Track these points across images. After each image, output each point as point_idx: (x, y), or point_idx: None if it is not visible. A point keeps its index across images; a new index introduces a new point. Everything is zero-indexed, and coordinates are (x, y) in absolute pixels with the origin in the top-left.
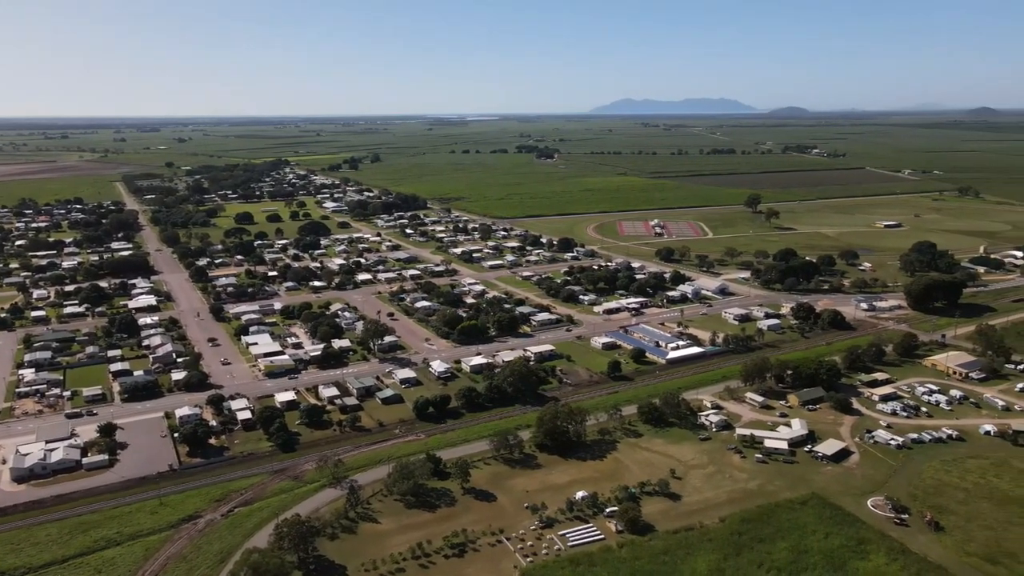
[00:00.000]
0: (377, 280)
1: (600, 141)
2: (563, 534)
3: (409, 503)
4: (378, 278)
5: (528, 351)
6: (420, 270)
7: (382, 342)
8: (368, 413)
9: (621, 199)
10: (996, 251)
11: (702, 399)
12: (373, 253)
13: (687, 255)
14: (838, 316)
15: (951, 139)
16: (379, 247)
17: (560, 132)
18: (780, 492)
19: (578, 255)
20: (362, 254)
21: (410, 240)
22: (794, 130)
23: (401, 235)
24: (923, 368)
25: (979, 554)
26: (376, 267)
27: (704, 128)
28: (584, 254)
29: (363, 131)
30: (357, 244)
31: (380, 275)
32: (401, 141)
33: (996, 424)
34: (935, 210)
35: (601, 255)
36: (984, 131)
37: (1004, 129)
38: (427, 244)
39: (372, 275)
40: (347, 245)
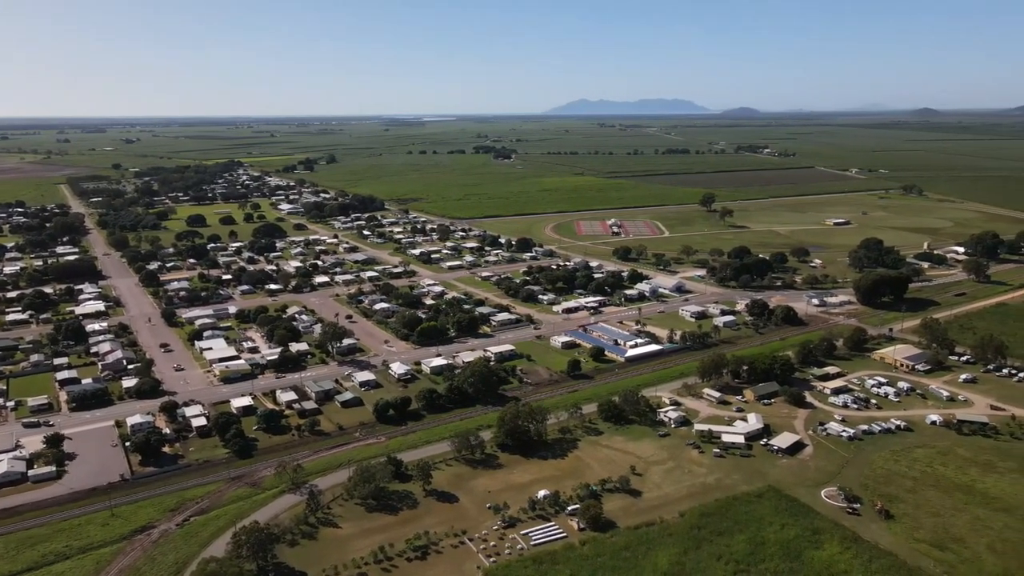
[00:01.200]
0: (335, 282)
1: (557, 141)
2: (526, 533)
3: (370, 507)
4: (336, 280)
5: (488, 351)
6: (378, 272)
7: (341, 345)
8: (327, 417)
9: (579, 199)
10: (939, 247)
11: (661, 396)
12: (330, 255)
13: (644, 254)
14: (791, 312)
15: (895, 139)
16: (336, 249)
17: (517, 132)
18: (737, 485)
19: (537, 255)
20: (319, 256)
21: (368, 242)
22: (746, 130)
23: (359, 237)
24: (872, 361)
25: (927, 540)
26: (333, 269)
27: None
28: (543, 254)
29: (318, 132)
30: (314, 246)
31: (338, 277)
32: (357, 142)
33: (941, 414)
34: (881, 208)
35: (559, 255)
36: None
37: (944, 129)
38: (385, 245)
39: (330, 277)
40: (303, 247)
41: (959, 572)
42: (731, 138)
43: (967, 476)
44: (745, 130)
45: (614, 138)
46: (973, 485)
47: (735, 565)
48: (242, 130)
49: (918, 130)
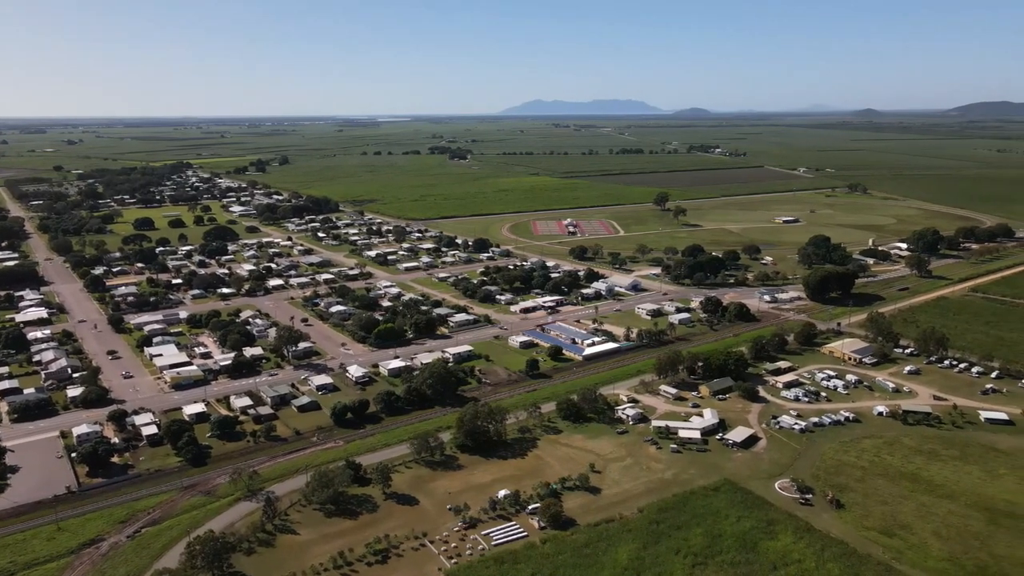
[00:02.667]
0: (289, 285)
1: (512, 142)
2: (486, 533)
3: (329, 512)
4: (290, 283)
5: (446, 352)
6: (334, 274)
7: (296, 348)
8: (284, 422)
9: (535, 199)
10: (883, 244)
11: (618, 393)
12: (284, 258)
13: (600, 253)
14: (743, 308)
15: (840, 139)
16: (290, 251)
17: (472, 133)
18: (694, 480)
19: (494, 255)
20: (273, 259)
21: (323, 244)
22: (698, 130)
23: (313, 239)
24: (822, 355)
25: (876, 528)
26: (288, 272)
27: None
28: (500, 254)
29: (270, 132)
30: (267, 249)
31: (292, 280)
32: (310, 143)
33: (888, 405)
34: (828, 206)
35: (516, 255)
36: (869, 131)
37: (886, 129)
38: (340, 247)
39: (284, 280)
40: (257, 250)
41: (906, 558)
42: (683, 138)
43: (913, 465)
44: (697, 130)
45: (569, 138)
46: (918, 473)
47: (693, 558)
48: (191, 131)
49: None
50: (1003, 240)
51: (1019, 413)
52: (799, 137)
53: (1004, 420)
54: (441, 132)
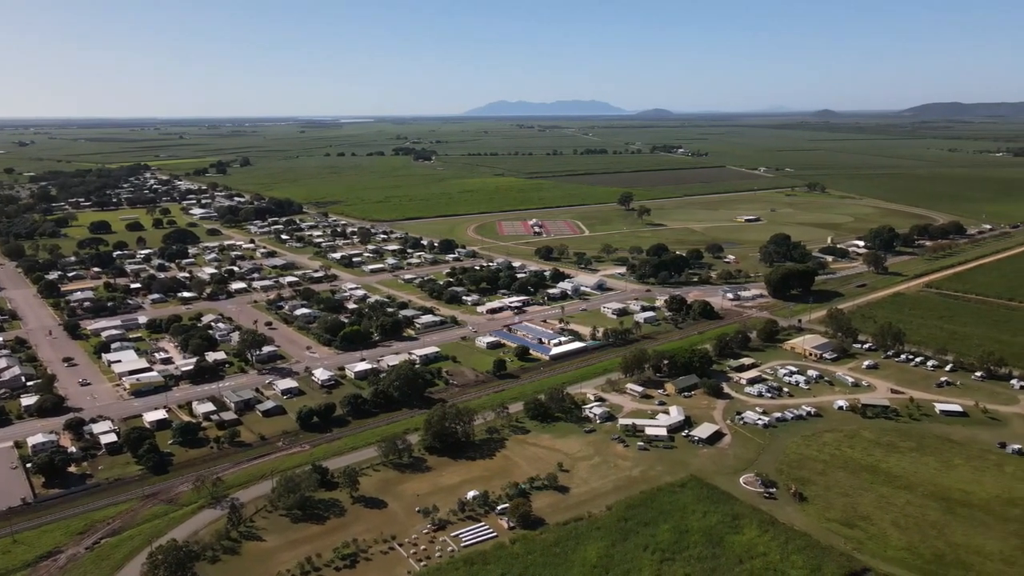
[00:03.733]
0: (252, 288)
1: (477, 142)
2: (456, 535)
3: (296, 517)
4: (253, 286)
5: (413, 354)
6: (298, 276)
7: (260, 352)
8: (248, 427)
9: (500, 199)
10: (841, 241)
11: (585, 392)
12: (247, 261)
13: (566, 253)
14: (707, 306)
15: (799, 139)
16: (253, 254)
17: (437, 134)
18: (661, 477)
19: (460, 256)
20: (235, 262)
21: (286, 246)
22: (660, 131)
23: (276, 241)
24: (784, 351)
25: (838, 519)
26: (251, 275)
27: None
28: (465, 255)
29: (230, 134)
30: (229, 252)
31: (255, 283)
32: (272, 144)
33: (847, 399)
34: (788, 205)
35: (482, 255)
36: (826, 131)
37: (843, 129)
38: (304, 250)
39: (247, 283)
40: (218, 253)
41: (867, 548)
42: (646, 138)
43: (872, 457)
44: (660, 131)
45: (533, 139)
46: (877, 465)
47: (661, 554)
48: (148, 132)
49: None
50: (955, 237)
51: (972, 405)
52: (759, 137)
53: (958, 412)
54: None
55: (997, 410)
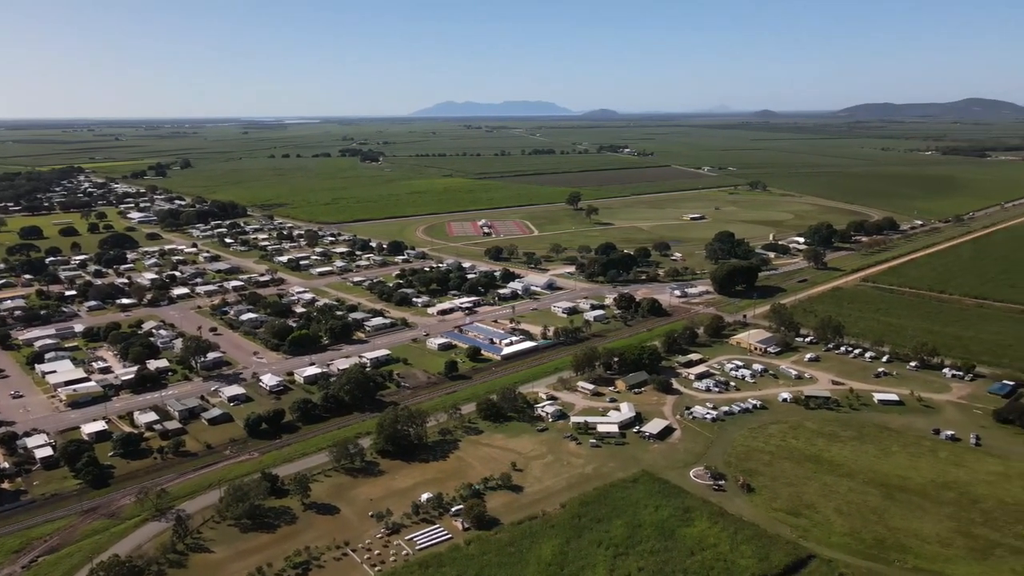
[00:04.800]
0: (196, 294)
1: (425, 143)
2: (410, 538)
3: (245, 527)
4: (197, 292)
5: (364, 357)
6: (243, 281)
7: (205, 359)
8: (194, 436)
9: (449, 200)
10: (783, 238)
11: (537, 391)
12: (189, 265)
13: (515, 253)
14: (656, 304)
15: (740, 138)
16: (196, 259)
17: (384, 135)
18: (614, 473)
19: (409, 257)
20: (177, 267)
21: (231, 250)
22: (607, 131)
23: (220, 245)
24: (730, 346)
25: (784, 509)
26: (194, 280)
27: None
28: (415, 256)
29: (169, 135)
30: (170, 256)
31: (199, 288)
32: (213, 145)
33: (791, 392)
34: (732, 203)
35: (432, 257)
36: (767, 131)
37: (782, 129)
38: (250, 253)
39: (190, 289)
40: (159, 258)
41: (812, 535)
42: (593, 139)
43: (815, 447)
44: (606, 131)
45: (481, 139)
46: (820, 455)
47: (615, 549)
48: (82, 133)
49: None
50: (889, 233)
51: (908, 394)
52: (703, 137)
53: (895, 401)
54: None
55: (931, 398)
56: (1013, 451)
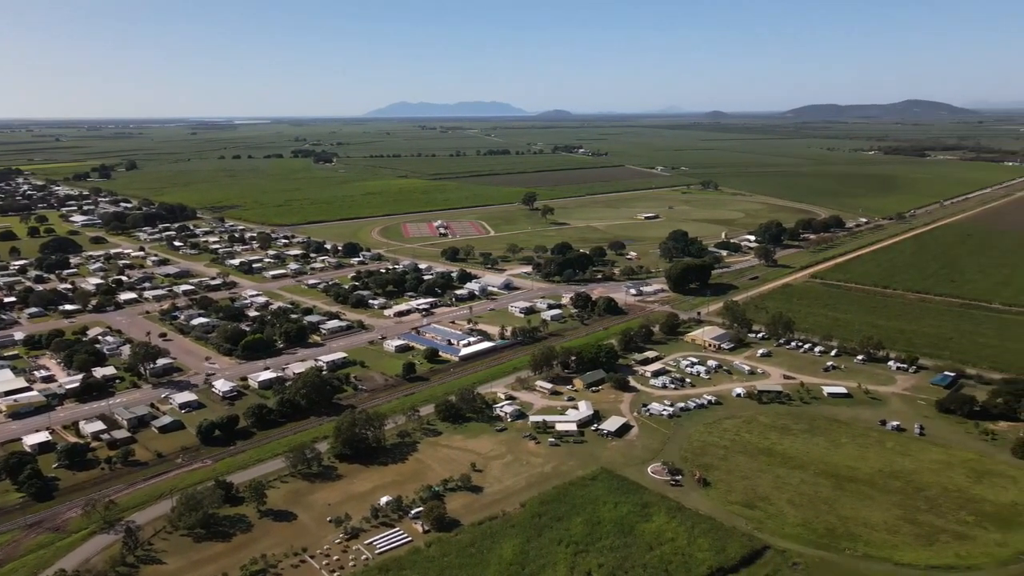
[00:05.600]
0: (144, 299)
1: (379, 144)
2: (370, 542)
3: (199, 536)
4: (145, 296)
5: (320, 360)
6: (194, 285)
7: (155, 366)
8: (143, 445)
9: (404, 201)
10: (734, 236)
11: (496, 391)
12: (137, 270)
13: (472, 254)
14: (612, 302)
15: (692, 139)
16: (144, 263)
17: (338, 135)
18: (573, 471)
19: (365, 259)
20: (123, 271)
21: (180, 253)
22: (561, 131)
23: (169, 248)
24: (685, 343)
25: (739, 502)
26: (142, 285)
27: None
28: (371, 258)
29: (114, 136)
30: (117, 260)
31: (147, 293)
32: (160, 146)
33: (744, 387)
34: (685, 202)
35: (388, 258)
36: (717, 131)
37: (732, 130)
38: (200, 257)
39: (137, 294)
40: (104, 262)
41: (767, 527)
42: (548, 139)
43: (768, 440)
44: (560, 131)
45: (436, 140)
46: (773, 448)
47: (575, 547)
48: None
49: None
50: (836, 230)
51: (856, 387)
52: (656, 137)
53: (843, 394)
54: (304, 134)
55: (877, 390)
56: (955, 440)
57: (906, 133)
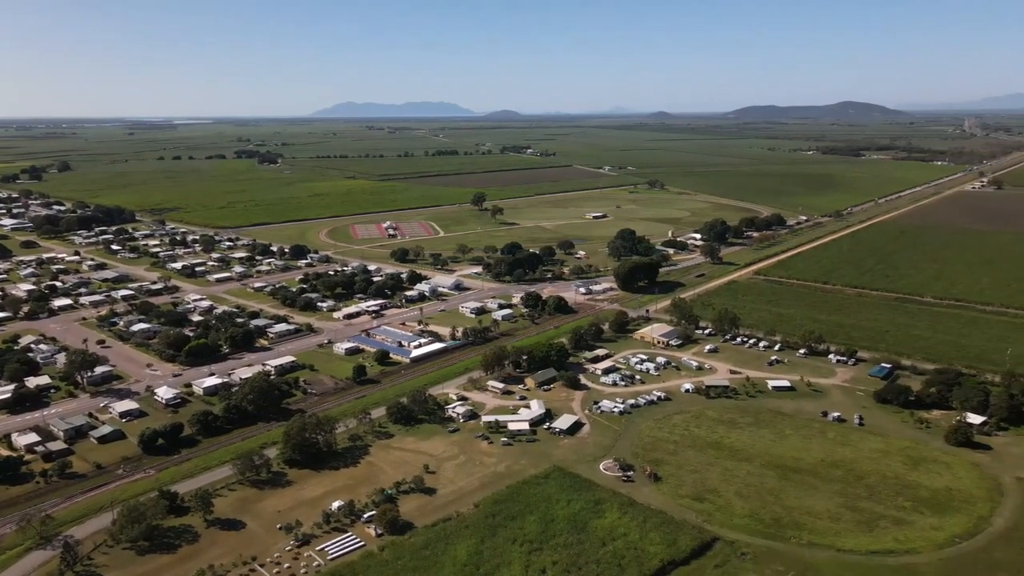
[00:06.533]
0: (80, 305)
1: (325, 144)
2: (322, 548)
3: (142, 549)
4: (81, 302)
5: (268, 365)
6: (134, 290)
7: (93, 374)
8: (82, 456)
9: (352, 202)
10: (680, 234)
11: (448, 392)
12: (72, 275)
13: (422, 254)
14: (562, 301)
15: (638, 139)
16: (79, 267)
17: (282, 136)
18: (526, 470)
19: (312, 261)
20: (57, 276)
21: (118, 257)
22: (509, 132)
23: (106, 252)
24: (634, 341)
25: (689, 495)
26: (77, 290)
27: (427, 131)
28: (319, 260)
29: (44, 136)
30: (50, 265)
31: (83, 299)
32: (96, 147)
33: (693, 382)
34: (632, 201)
35: (336, 260)
36: (663, 132)
37: (677, 130)
38: (140, 261)
39: (73, 300)
40: (36, 267)
41: (716, 519)
42: (496, 139)
43: (716, 434)
44: (508, 132)
45: (383, 140)
46: (721, 441)
47: (529, 545)
48: None
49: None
50: (777, 228)
51: (798, 380)
52: (603, 138)
53: (787, 387)
54: (248, 135)
55: (819, 383)
56: (892, 429)
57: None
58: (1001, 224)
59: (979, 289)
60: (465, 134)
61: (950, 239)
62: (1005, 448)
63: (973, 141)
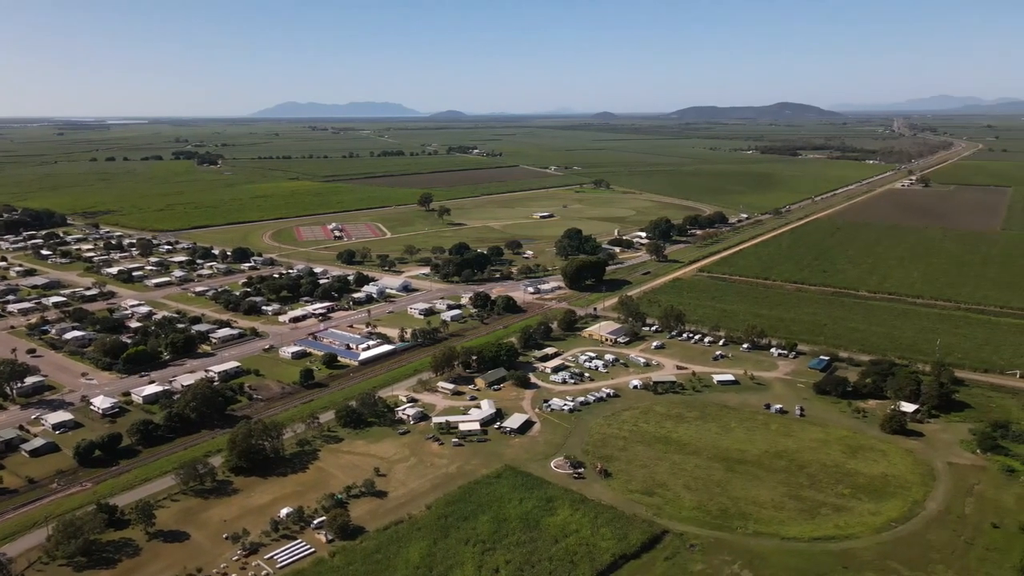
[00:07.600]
0: (8, 313)
1: (267, 145)
2: (270, 557)
3: (79, 565)
4: (9, 310)
5: (211, 371)
6: (66, 296)
7: (23, 384)
8: (11, 471)
9: (296, 204)
10: (626, 233)
11: (398, 394)
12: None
13: (369, 256)
14: (510, 301)
15: (583, 139)
16: (6, 274)
17: (222, 136)
18: (477, 470)
19: (256, 264)
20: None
21: (48, 263)
22: (455, 132)
23: (35, 258)
24: (583, 339)
25: (639, 490)
26: (5, 297)
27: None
28: (263, 263)
29: None
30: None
31: (11, 307)
32: (23, 148)
33: (641, 379)
34: (578, 201)
35: (281, 262)
36: (607, 132)
37: (621, 130)
38: (72, 266)
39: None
40: None
41: (665, 512)
42: (442, 140)
43: (664, 429)
44: (454, 132)
45: (327, 141)
46: (669, 436)
47: (482, 545)
48: None
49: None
50: (720, 226)
51: (742, 374)
52: (548, 138)
53: (731, 381)
54: (186, 135)
55: (761, 376)
56: (831, 419)
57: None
58: (930, 220)
59: (910, 283)
60: (411, 134)
61: (882, 235)
62: (936, 434)
63: (902, 141)
